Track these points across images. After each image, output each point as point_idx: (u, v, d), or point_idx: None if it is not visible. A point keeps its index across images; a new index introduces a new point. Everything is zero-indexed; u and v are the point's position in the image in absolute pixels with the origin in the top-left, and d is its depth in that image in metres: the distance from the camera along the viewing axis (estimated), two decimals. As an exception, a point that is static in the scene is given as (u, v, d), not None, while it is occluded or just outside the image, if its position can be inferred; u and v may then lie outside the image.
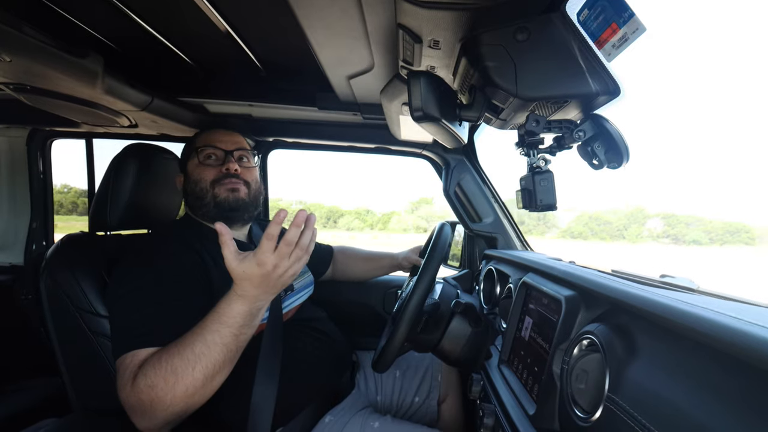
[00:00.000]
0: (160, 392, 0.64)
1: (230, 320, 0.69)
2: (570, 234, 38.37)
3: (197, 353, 0.66)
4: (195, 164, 0.99)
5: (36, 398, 1.36)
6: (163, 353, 0.67)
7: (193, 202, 0.98)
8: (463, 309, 0.86)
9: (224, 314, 0.69)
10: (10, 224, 1.66)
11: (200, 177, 0.98)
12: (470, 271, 1.59)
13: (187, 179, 1.01)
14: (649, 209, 39.57)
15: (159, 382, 0.65)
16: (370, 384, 1.15)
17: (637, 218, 38.56)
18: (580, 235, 37.53)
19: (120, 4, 0.81)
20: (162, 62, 1.12)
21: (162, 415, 0.65)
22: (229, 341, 0.68)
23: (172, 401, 0.65)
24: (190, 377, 0.65)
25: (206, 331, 0.68)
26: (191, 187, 0.98)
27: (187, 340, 0.68)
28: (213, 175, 0.98)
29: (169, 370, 0.65)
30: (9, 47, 0.73)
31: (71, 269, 0.88)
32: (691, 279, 0.71)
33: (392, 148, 1.54)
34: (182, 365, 0.65)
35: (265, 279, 0.67)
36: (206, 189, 0.97)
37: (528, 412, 0.66)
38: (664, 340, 0.46)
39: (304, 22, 0.71)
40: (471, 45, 0.62)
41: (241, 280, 0.68)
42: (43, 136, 1.62)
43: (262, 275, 0.67)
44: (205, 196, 0.97)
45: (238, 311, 0.69)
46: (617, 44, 0.56)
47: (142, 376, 0.66)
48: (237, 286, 0.69)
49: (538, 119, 0.70)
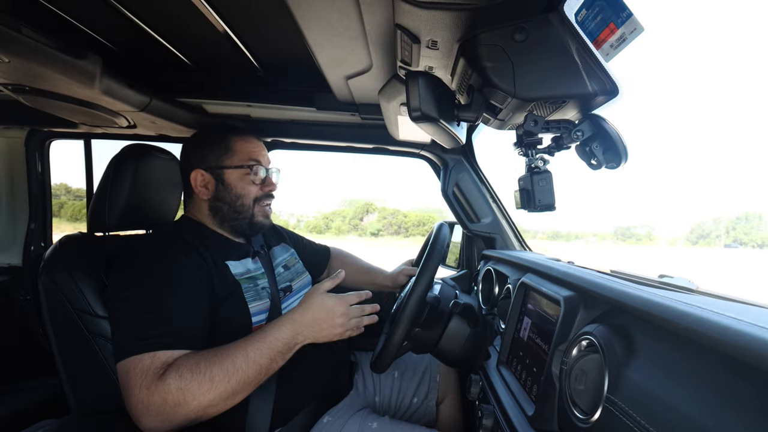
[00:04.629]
0: (189, 396, 0.65)
1: (273, 342, 0.74)
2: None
3: (237, 366, 0.69)
4: (239, 176, 0.96)
5: (34, 399, 1.35)
6: (202, 359, 0.69)
7: (228, 213, 0.96)
8: (462, 309, 0.85)
9: (270, 334, 0.75)
10: (9, 225, 1.66)
11: (245, 192, 0.96)
12: (468, 271, 1.59)
13: (224, 187, 0.95)
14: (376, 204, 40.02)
15: (193, 385, 0.66)
16: (369, 384, 1.15)
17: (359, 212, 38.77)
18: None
19: (118, 5, 0.81)
20: (160, 63, 1.12)
21: (178, 420, 0.66)
22: (265, 363, 0.72)
23: (196, 407, 0.66)
24: (223, 388, 0.68)
25: (249, 347, 0.72)
26: (230, 198, 0.95)
27: (229, 351, 0.71)
28: (255, 192, 0.98)
29: (207, 377, 0.67)
30: (7, 48, 0.73)
31: (69, 270, 0.87)
32: (690, 279, 0.71)
33: (390, 149, 1.54)
34: (221, 375, 0.68)
35: (327, 317, 0.79)
36: (249, 206, 0.97)
37: (527, 413, 0.66)
38: (664, 341, 0.46)
39: (302, 23, 0.71)
40: (469, 45, 0.62)
41: (308, 306, 0.79)
42: (42, 136, 1.61)
43: (328, 311, 0.79)
44: (244, 212, 0.96)
45: (283, 335, 0.75)
46: (615, 44, 0.56)
47: (176, 377, 0.66)
48: (296, 311, 0.78)
49: (536, 119, 0.70)
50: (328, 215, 41.46)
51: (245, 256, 0.96)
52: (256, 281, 0.93)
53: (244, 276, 0.91)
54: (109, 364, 0.87)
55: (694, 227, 43.40)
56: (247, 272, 0.93)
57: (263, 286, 0.93)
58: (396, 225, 30.12)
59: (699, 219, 52.84)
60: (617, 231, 41.97)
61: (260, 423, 0.82)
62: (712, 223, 42.29)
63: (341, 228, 39.20)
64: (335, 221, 40.12)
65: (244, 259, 0.95)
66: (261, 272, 0.96)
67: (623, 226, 42.78)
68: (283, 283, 1.04)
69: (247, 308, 0.87)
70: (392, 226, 29.62)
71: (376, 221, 36.80)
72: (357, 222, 38.65)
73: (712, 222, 42.38)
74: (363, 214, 38.87)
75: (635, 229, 42.63)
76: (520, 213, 0.83)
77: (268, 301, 0.92)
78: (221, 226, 0.98)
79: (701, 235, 41.34)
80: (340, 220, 40.04)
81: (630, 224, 42.77)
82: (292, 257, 1.17)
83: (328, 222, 40.24)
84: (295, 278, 1.10)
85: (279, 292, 0.99)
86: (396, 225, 30.12)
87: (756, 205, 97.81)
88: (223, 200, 0.96)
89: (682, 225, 49.35)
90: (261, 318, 0.89)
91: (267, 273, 0.98)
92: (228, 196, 0.96)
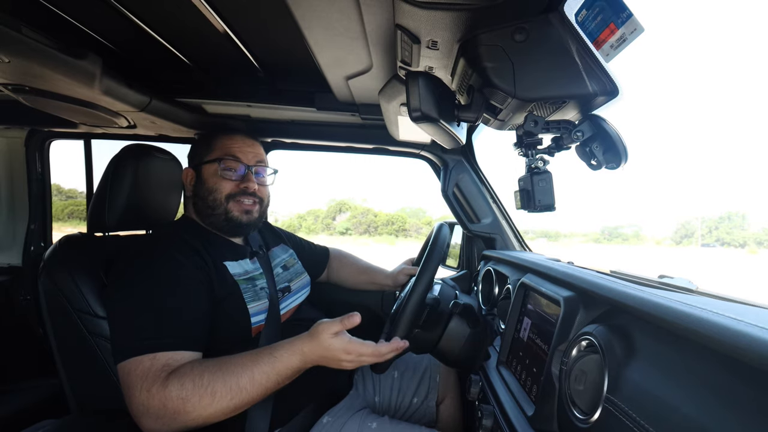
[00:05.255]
0: (189, 407, 0.65)
1: (284, 370, 0.72)
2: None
3: (241, 386, 0.68)
4: (212, 171, 0.96)
5: (34, 399, 1.35)
6: (206, 371, 0.68)
7: (203, 209, 0.96)
8: (462, 310, 0.85)
9: (281, 362, 0.72)
10: (9, 225, 1.65)
11: (215, 187, 0.95)
12: (468, 271, 1.59)
13: (200, 182, 0.97)
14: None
15: (194, 398, 0.66)
16: (368, 385, 1.15)
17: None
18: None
19: (118, 5, 0.81)
20: (160, 63, 1.12)
21: (177, 426, 0.67)
22: (270, 387, 0.71)
23: (195, 418, 0.66)
24: (225, 404, 0.67)
25: (257, 370, 0.70)
26: (204, 193, 0.95)
27: (235, 369, 0.69)
28: (230, 188, 0.95)
29: (209, 391, 0.66)
30: (7, 48, 0.73)
31: (69, 270, 0.87)
32: (690, 280, 0.71)
33: (390, 149, 1.54)
34: (223, 392, 0.67)
35: (334, 359, 0.73)
36: (220, 202, 0.95)
37: (527, 413, 0.66)
38: (664, 342, 0.46)
39: (302, 23, 0.71)
40: (469, 45, 0.62)
41: (316, 346, 0.73)
42: (42, 136, 1.61)
43: (337, 351, 0.72)
44: (217, 208, 0.95)
45: (293, 364, 0.72)
46: (615, 45, 0.56)
47: (178, 386, 0.66)
48: (305, 345, 0.73)
49: (536, 120, 0.70)
50: (303, 215, 41.55)
51: (243, 257, 0.96)
52: (254, 282, 0.93)
53: (242, 277, 0.91)
54: (108, 364, 0.87)
55: (679, 227, 43.35)
56: (246, 273, 0.93)
57: (262, 287, 0.93)
58: (365, 224, 30.17)
59: (684, 218, 52.67)
60: (604, 231, 41.93)
61: (260, 423, 0.82)
62: (696, 222, 42.29)
63: (312, 227, 39.32)
64: (308, 220, 40.18)
65: (242, 259, 0.95)
66: (259, 273, 0.96)
67: (610, 225, 42.75)
68: (282, 283, 1.04)
69: (246, 309, 0.87)
70: (361, 225, 29.69)
71: (346, 220, 36.76)
72: (329, 221, 38.57)
73: (696, 221, 42.40)
74: (336, 213, 38.89)
75: (622, 229, 42.59)
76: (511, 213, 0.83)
77: (267, 301, 0.92)
78: (207, 223, 0.98)
79: (685, 234, 41.27)
80: (313, 219, 40.16)
81: (617, 224, 42.67)
82: (291, 258, 1.17)
83: (301, 221, 40.35)
84: (294, 278, 1.10)
85: (278, 292, 0.99)
86: (365, 224, 30.17)
87: (739, 205, 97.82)
88: (198, 195, 0.97)
89: (669, 224, 49.20)
90: (260, 318, 0.89)
91: (265, 273, 0.98)
92: (202, 191, 0.96)
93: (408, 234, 28.24)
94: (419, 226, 29.96)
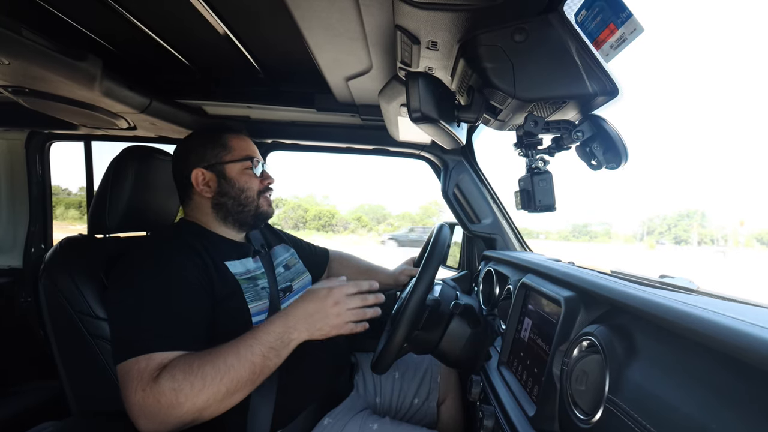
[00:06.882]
0: (182, 397, 0.65)
1: (264, 337, 0.73)
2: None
3: (228, 364, 0.69)
4: (240, 170, 0.98)
5: (34, 401, 1.35)
6: (195, 359, 0.69)
7: (233, 207, 0.97)
8: (462, 310, 0.85)
9: (261, 330, 0.74)
10: (9, 227, 1.66)
11: (248, 186, 0.99)
12: (469, 272, 1.59)
13: (226, 182, 0.97)
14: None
15: (185, 386, 0.65)
16: (369, 386, 1.14)
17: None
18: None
19: (119, 7, 0.81)
20: (160, 65, 1.13)
21: (172, 422, 0.66)
22: (258, 361, 0.71)
23: (190, 408, 0.66)
24: (216, 387, 0.67)
25: (241, 344, 0.71)
26: (235, 192, 0.97)
27: (221, 350, 0.70)
28: (258, 185, 1.01)
29: (199, 376, 0.66)
30: (8, 50, 0.73)
31: (70, 272, 0.87)
32: (691, 280, 0.71)
33: (390, 150, 1.54)
34: (212, 373, 0.67)
35: (319, 307, 0.76)
36: (253, 199, 0.99)
37: (528, 413, 0.66)
38: (665, 341, 0.46)
39: (302, 24, 0.71)
40: (469, 46, 0.62)
41: (300, 299, 0.77)
42: (42, 138, 1.61)
43: (319, 299, 0.76)
44: (249, 205, 0.99)
45: (273, 329, 0.74)
46: (615, 45, 0.56)
47: (169, 378, 0.66)
48: (289, 306, 0.77)
49: (536, 120, 0.70)
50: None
51: (246, 256, 0.97)
52: (255, 281, 0.93)
53: (243, 276, 0.91)
54: (109, 366, 0.86)
55: (642, 224, 43.30)
56: (247, 272, 0.93)
57: (263, 286, 0.93)
58: (294, 219, 30.28)
59: (648, 216, 52.52)
60: (574, 228, 41.71)
61: (261, 425, 0.82)
62: (658, 220, 42.21)
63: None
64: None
65: (244, 258, 0.96)
66: (261, 272, 0.97)
67: (579, 223, 42.50)
68: (284, 283, 1.04)
69: (247, 309, 0.87)
70: (291, 220, 29.88)
71: (276, 216, 36.43)
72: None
73: (659, 219, 42.33)
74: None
75: (592, 227, 42.41)
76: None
77: (268, 301, 0.92)
78: (225, 222, 0.98)
79: (648, 231, 41.15)
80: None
81: (586, 222, 42.41)
82: (293, 257, 1.17)
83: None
84: (295, 278, 1.10)
85: (279, 292, 0.99)
86: (294, 219, 30.28)
87: (699, 203, 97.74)
88: (228, 195, 0.97)
89: (635, 222, 49.08)
90: (261, 318, 0.89)
91: (267, 272, 0.98)
92: (232, 191, 0.98)
93: (335, 229, 28.41)
94: (347, 222, 30.01)
